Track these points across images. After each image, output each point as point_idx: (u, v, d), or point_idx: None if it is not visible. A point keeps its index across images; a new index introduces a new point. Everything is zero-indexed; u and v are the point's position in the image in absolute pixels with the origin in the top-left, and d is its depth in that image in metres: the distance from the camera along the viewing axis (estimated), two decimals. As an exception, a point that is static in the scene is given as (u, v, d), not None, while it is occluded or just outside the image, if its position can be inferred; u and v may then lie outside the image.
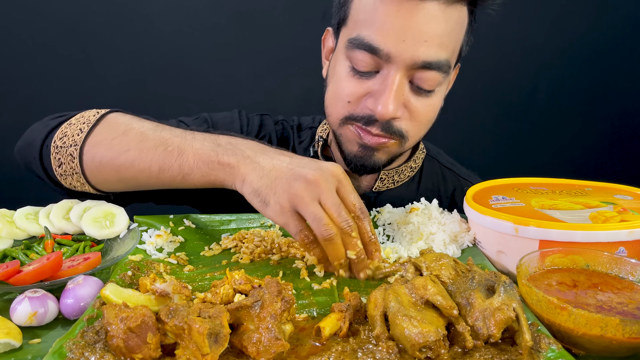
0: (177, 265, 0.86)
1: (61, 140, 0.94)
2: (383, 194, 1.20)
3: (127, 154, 0.89)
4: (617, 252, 0.78)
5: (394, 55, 0.92)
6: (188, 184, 0.87)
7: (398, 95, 0.95)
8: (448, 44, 0.95)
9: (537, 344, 0.61)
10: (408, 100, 0.98)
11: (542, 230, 0.80)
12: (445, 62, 0.95)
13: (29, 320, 0.66)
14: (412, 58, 0.92)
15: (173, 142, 0.87)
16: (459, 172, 1.32)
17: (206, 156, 0.83)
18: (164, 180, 0.88)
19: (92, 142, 0.92)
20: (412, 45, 0.91)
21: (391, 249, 0.93)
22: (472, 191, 1.00)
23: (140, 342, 0.56)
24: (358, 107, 1.00)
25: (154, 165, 0.87)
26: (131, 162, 0.88)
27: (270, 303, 0.62)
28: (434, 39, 0.92)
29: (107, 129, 0.93)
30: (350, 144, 1.06)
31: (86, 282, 0.71)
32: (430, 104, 1.00)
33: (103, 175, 0.93)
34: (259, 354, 0.58)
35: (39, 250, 0.86)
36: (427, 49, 0.92)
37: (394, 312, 0.62)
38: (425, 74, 0.95)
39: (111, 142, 0.91)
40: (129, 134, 0.90)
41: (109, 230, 0.90)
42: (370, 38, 0.94)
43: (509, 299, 0.63)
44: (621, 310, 0.66)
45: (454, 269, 0.76)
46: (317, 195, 0.74)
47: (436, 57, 0.93)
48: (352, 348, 0.61)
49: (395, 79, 0.94)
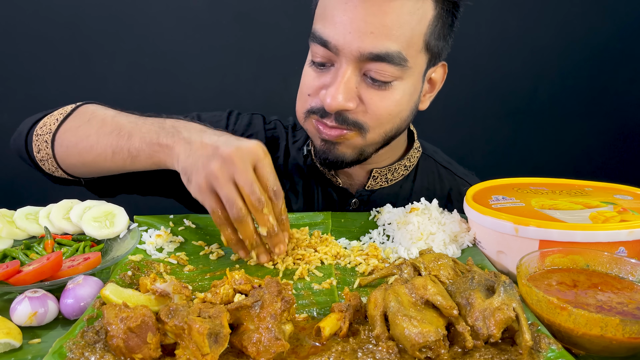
0: (177, 265, 0.86)
1: (41, 129, 1.04)
2: (377, 192, 1.20)
3: (88, 139, 0.96)
4: (617, 252, 0.78)
5: (341, 48, 0.94)
6: (137, 166, 0.93)
7: (348, 87, 0.96)
8: (398, 35, 0.93)
9: (537, 344, 0.61)
10: (362, 93, 0.98)
11: (542, 230, 0.80)
12: (396, 54, 0.94)
13: (29, 320, 0.66)
14: (359, 50, 0.93)
15: (125, 127, 0.93)
16: (456, 171, 1.31)
17: (149, 138, 0.89)
18: (117, 163, 0.94)
19: (63, 130, 1.01)
20: (358, 37, 0.92)
21: (391, 249, 0.93)
22: (472, 191, 1.00)
23: (140, 342, 0.56)
24: (315, 100, 1.02)
25: (108, 149, 0.94)
26: (91, 147, 0.96)
27: (270, 303, 0.62)
28: (379, 30, 0.92)
29: (77, 118, 1.02)
30: (314, 139, 1.08)
31: (86, 282, 0.71)
32: (387, 97, 0.99)
33: (70, 160, 1.01)
34: (259, 354, 0.58)
35: (39, 250, 0.86)
36: (373, 40, 0.92)
37: (394, 312, 0.62)
38: (376, 65, 0.95)
39: (77, 129, 0.99)
40: (92, 122, 0.98)
41: (109, 230, 0.90)
42: (322, 31, 0.97)
43: (509, 299, 0.63)
44: (621, 310, 0.66)
45: (453, 269, 0.76)
46: (231, 173, 0.78)
47: (384, 49, 0.93)
48: (352, 348, 0.61)
49: (344, 70, 0.95)
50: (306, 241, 0.94)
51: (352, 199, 1.20)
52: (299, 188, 1.22)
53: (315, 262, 0.88)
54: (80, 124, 1.00)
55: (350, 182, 1.21)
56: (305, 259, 0.89)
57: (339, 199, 1.21)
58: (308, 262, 0.88)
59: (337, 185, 1.20)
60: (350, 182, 1.21)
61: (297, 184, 1.22)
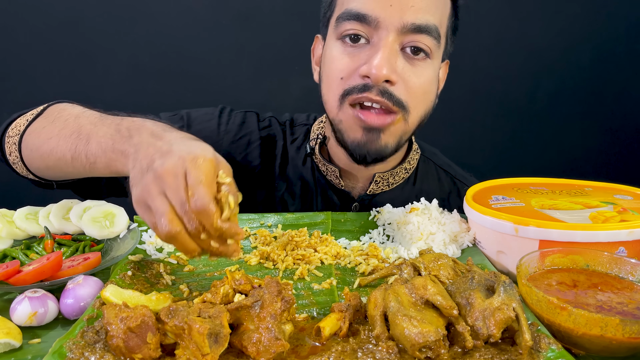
0: (177, 265, 0.86)
1: (12, 130, 0.99)
2: (378, 196, 1.18)
3: (49, 142, 0.90)
4: (617, 252, 0.78)
5: (382, 20, 0.95)
6: (97, 173, 0.85)
7: (391, 57, 0.96)
8: (435, 11, 0.98)
9: (537, 343, 0.61)
10: (402, 69, 0.98)
11: (542, 230, 0.80)
12: (434, 27, 0.97)
13: (29, 320, 0.66)
14: (401, 21, 0.95)
15: (85, 130, 0.85)
16: (454, 174, 1.30)
17: (105, 144, 0.80)
18: (78, 169, 0.87)
19: (29, 132, 0.96)
20: (400, 9, 0.94)
21: (391, 249, 0.93)
22: (472, 191, 1.00)
23: (140, 342, 0.56)
24: (351, 80, 1.00)
25: (67, 154, 0.86)
26: (51, 150, 0.89)
27: (270, 303, 0.62)
28: (419, 4, 0.95)
29: (44, 119, 0.96)
30: (352, 131, 1.03)
31: (86, 282, 0.71)
32: (423, 74, 1.00)
33: (35, 163, 0.96)
34: (259, 354, 0.58)
35: (39, 250, 0.86)
36: (414, 12, 0.95)
37: (394, 312, 0.62)
38: (416, 37, 0.97)
39: (41, 131, 0.94)
40: (56, 122, 0.92)
41: (109, 230, 0.90)
42: (358, 7, 0.97)
43: (509, 298, 0.63)
44: (621, 310, 0.66)
45: (453, 269, 0.76)
46: (162, 189, 0.68)
47: (425, 21, 0.96)
48: (352, 348, 0.61)
49: (386, 42, 0.96)
50: (306, 241, 0.94)
51: (353, 202, 1.18)
52: (297, 190, 1.20)
53: (315, 262, 0.88)
54: (45, 124, 0.94)
55: (352, 185, 1.19)
56: (305, 259, 0.89)
57: (340, 203, 1.19)
58: (308, 262, 0.88)
59: (339, 188, 1.18)
60: (353, 186, 1.19)
61: (295, 185, 1.20)
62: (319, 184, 1.19)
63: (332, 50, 1.03)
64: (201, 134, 1.16)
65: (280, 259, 0.88)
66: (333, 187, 1.19)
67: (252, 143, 1.20)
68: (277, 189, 1.20)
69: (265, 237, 0.96)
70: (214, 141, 1.17)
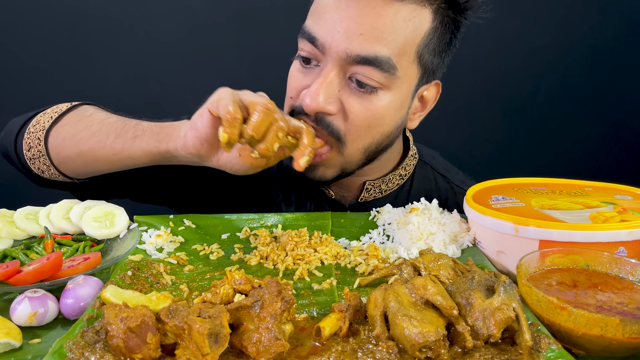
0: (177, 265, 0.86)
1: (34, 127, 1.01)
2: (370, 203, 1.16)
3: (89, 129, 0.97)
4: (617, 252, 0.78)
5: (328, 46, 0.90)
6: (136, 150, 0.92)
7: (330, 87, 0.91)
8: (390, 40, 0.89)
9: (537, 344, 0.61)
10: (345, 98, 0.93)
11: (542, 230, 0.80)
12: (386, 59, 0.89)
13: (29, 320, 0.66)
14: (346, 50, 0.89)
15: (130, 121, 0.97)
16: (453, 179, 1.26)
17: (155, 126, 0.93)
18: (115, 149, 0.93)
19: (61, 124, 1.00)
20: (347, 37, 0.88)
21: (391, 249, 0.93)
22: (472, 191, 1.00)
23: (140, 342, 0.56)
24: (297, 100, 0.97)
25: (112, 133, 0.94)
26: (92, 134, 0.96)
27: (270, 303, 0.62)
28: (370, 32, 0.88)
29: (75, 114, 1.02)
30: None
31: (86, 282, 0.71)
32: (369, 107, 0.93)
33: (65, 152, 0.98)
34: (259, 354, 0.58)
35: (39, 250, 0.86)
36: (362, 42, 0.88)
37: (394, 312, 0.62)
38: (363, 69, 0.90)
39: (76, 123, 0.99)
40: (93, 117, 0.99)
41: (109, 230, 0.90)
42: (311, 27, 0.93)
43: (509, 298, 0.63)
44: (621, 310, 0.66)
45: (453, 269, 0.77)
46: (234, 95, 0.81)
47: (373, 52, 0.88)
48: (352, 348, 0.61)
49: (328, 71, 0.91)
50: (306, 241, 0.94)
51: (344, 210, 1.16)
52: (292, 198, 1.18)
53: (315, 262, 0.88)
54: (79, 118, 1.00)
55: (342, 194, 1.16)
56: (305, 259, 0.89)
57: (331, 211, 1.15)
58: (308, 262, 0.88)
59: (330, 197, 1.15)
60: (343, 194, 1.16)
61: (291, 194, 1.18)
62: (312, 193, 1.18)
63: (292, 65, 1.02)
64: None
65: (280, 259, 0.88)
66: (324, 196, 1.17)
67: None
68: (274, 196, 1.20)
69: (265, 237, 0.96)
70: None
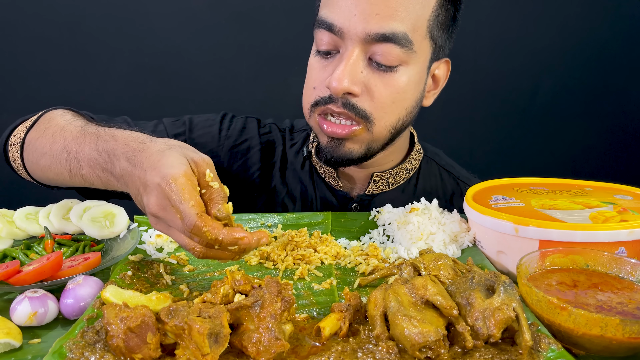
0: (177, 265, 0.86)
1: (15, 137, 1.01)
2: (378, 197, 1.18)
3: (44, 158, 0.91)
4: (617, 252, 0.78)
5: (346, 30, 0.94)
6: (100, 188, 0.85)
7: (354, 69, 0.95)
8: (404, 16, 0.94)
9: (537, 344, 0.61)
10: (368, 78, 0.97)
11: (542, 230, 0.80)
12: (402, 35, 0.94)
13: (29, 320, 0.66)
14: (364, 31, 0.93)
15: (71, 149, 0.85)
16: (458, 175, 1.29)
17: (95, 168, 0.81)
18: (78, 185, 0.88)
19: (27, 142, 0.97)
20: (363, 19, 0.92)
21: (391, 249, 0.93)
22: (472, 191, 1.00)
23: (140, 342, 0.56)
24: (320, 91, 1.01)
25: (65, 173, 0.87)
26: (49, 167, 0.91)
27: (270, 303, 0.62)
28: (385, 11, 0.92)
29: (37, 128, 0.97)
30: (321, 136, 1.06)
31: (86, 282, 0.71)
32: (392, 84, 0.98)
33: (37, 174, 0.97)
34: (259, 354, 0.58)
35: (39, 250, 0.86)
36: (379, 20, 0.92)
37: (394, 312, 0.62)
38: (382, 47, 0.94)
39: (35, 143, 0.95)
40: (46, 134, 0.93)
41: (109, 230, 0.90)
42: (327, 15, 0.97)
43: (509, 298, 0.63)
44: (621, 310, 0.66)
45: (453, 269, 0.76)
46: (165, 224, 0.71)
47: (390, 29, 0.93)
48: (352, 348, 0.61)
49: (350, 53, 0.95)
50: (306, 241, 0.94)
51: (352, 203, 1.18)
52: (297, 194, 1.20)
53: (315, 262, 0.88)
54: (38, 136, 0.95)
55: (351, 186, 1.19)
56: (305, 259, 0.89)
57: (338, 204, 1.19)
58: (308, 262, 0.88)
59: (337, 189, 1.18)
60: (351, 186, 1.19)
61: (295, 189, 1.20)
62: (318, 186, 1.20)
63: (311, 58, 1.05)
64: (202, 139, 1.19)
65: (280, 259, 0.88)
66: (332, 188, 1.19)
67: (253, 148, 1.22)
68: (277, 193, 1.21)
69: (265, 237, 0.96)
70: (215, 146, 1.20)
